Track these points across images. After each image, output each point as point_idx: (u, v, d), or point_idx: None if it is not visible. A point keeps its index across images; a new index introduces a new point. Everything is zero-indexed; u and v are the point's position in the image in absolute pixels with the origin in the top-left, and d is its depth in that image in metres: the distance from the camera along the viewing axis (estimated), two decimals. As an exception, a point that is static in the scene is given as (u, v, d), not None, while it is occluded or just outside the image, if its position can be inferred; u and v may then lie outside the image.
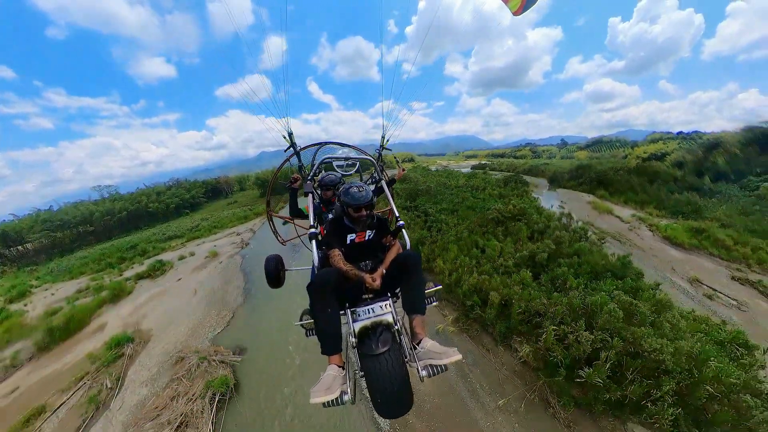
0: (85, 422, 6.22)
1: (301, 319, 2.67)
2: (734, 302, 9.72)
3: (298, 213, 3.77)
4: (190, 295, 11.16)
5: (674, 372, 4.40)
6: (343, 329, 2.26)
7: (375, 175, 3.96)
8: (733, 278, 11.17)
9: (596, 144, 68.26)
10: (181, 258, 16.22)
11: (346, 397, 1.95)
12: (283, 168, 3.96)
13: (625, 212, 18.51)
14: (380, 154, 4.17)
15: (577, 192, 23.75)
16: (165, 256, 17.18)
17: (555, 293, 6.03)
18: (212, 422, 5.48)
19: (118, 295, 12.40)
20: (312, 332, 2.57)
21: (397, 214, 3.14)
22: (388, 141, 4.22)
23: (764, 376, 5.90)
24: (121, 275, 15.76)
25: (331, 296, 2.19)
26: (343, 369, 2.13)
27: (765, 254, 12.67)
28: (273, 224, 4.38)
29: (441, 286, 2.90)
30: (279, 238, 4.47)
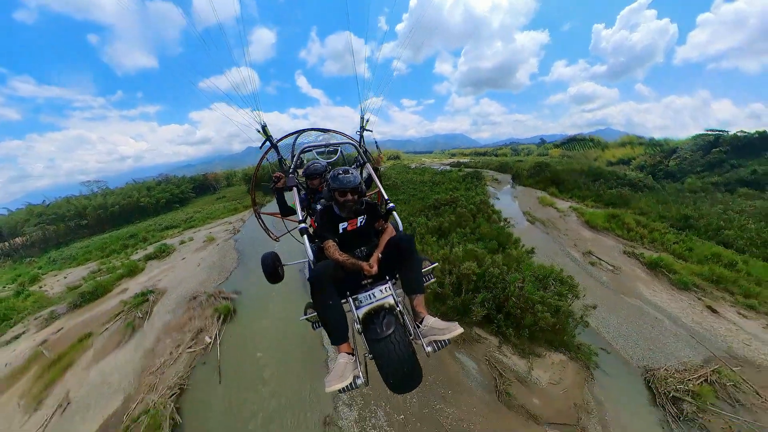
0: (126, 337, 9.08)
1: (305, 313, 2.71)
2: (611, 268, 13.01)
3: (289, 211, 3.74)
4: (194, 267, 14.00)
5: (493, 289, 7.52)
6: (349, 316, 2.33)
7: (359, 159, 3.93)
8: (624, 252, 14.40)
9: (570, 142, 72.52)
10: (182, 242, 18.94)
11: (359, 381, 2.07)
12: (263, 165, 3.94)
13: (566, 204, 21.91)
14: (361, 136, 4.12)
15: (532, 189, 27.14)
16: (166, 242, 19.84)
17: (441, 249, 9.24)
18: (218, 329, 8.44)
19: (133, 271, 15.07)
20: (318, 325, 2.64)
21: (387, 197, 3.20)
22: (368, 121, 4.11)
23: (572, 302, 8.97)
24: (128, 258, 18.32)
25: (330, 288, 2.28)
26: (353, 355, 2.24)
27: (658, 234, 16.04)
28: (262, 222, 4.42)
29: (437, 264, 3.01)
30: (271, 235, 4.48)
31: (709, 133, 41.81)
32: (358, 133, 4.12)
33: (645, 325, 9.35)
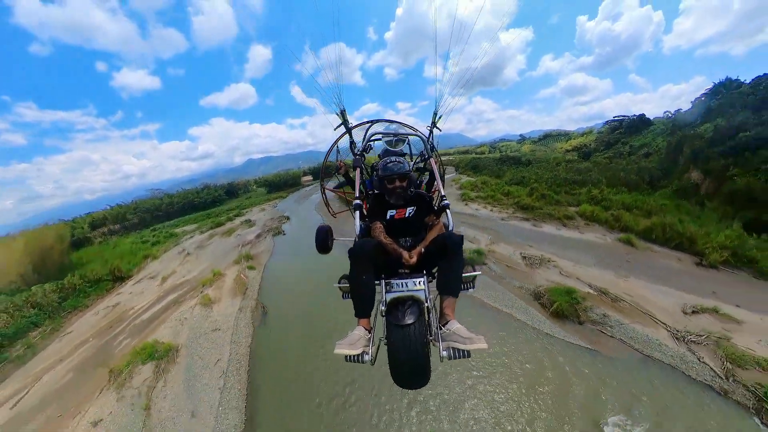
0: (250, 229, 26.96)
1: (339, 282, 3.01)
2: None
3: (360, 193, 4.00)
4: (263, 215, 32.12)
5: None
6: (377, 298, 2.57)
7: (425, 153, 4.28)
8: (459, 194, 30.67)
9: (546, 138, 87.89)
10: (246, 212, 37.21)
11: (366, 357, 2.29)
12: (329, 159, 4.49)
13: (466, 178, 38.41)
14: (431, 132, 4.46)
15: (462, 175, 43.92)
16: (241, 210, 38.20)
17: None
18: (284, 221, 26.43)
19: (230, 219, 33.20)
20: (347, 295, 2.89)
21: (443, 194, 3.42)
22: (440, 118, 4.39)
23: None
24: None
25: (367, 264, 2.56)
26: (370, 332, 2.48)
27: (494, 190, 32.45)
28: (325, 197, 4.89)
29: (480, 272, 3.07)
30: (330, 210, 4.97)
31: (616, 119, 56.36)
32: (428, 128, 4.48)
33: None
